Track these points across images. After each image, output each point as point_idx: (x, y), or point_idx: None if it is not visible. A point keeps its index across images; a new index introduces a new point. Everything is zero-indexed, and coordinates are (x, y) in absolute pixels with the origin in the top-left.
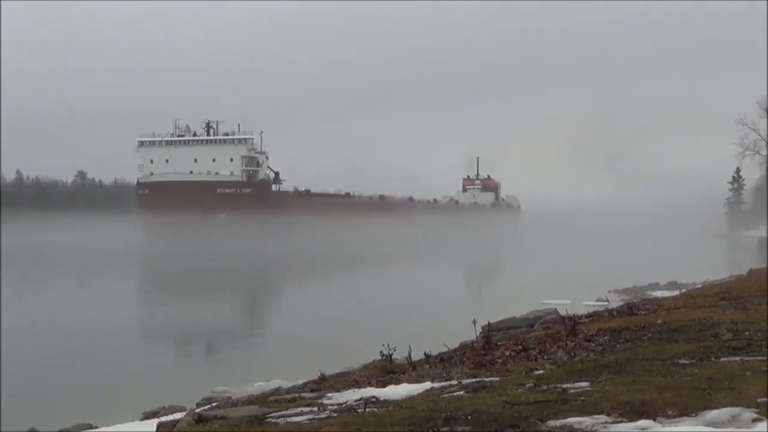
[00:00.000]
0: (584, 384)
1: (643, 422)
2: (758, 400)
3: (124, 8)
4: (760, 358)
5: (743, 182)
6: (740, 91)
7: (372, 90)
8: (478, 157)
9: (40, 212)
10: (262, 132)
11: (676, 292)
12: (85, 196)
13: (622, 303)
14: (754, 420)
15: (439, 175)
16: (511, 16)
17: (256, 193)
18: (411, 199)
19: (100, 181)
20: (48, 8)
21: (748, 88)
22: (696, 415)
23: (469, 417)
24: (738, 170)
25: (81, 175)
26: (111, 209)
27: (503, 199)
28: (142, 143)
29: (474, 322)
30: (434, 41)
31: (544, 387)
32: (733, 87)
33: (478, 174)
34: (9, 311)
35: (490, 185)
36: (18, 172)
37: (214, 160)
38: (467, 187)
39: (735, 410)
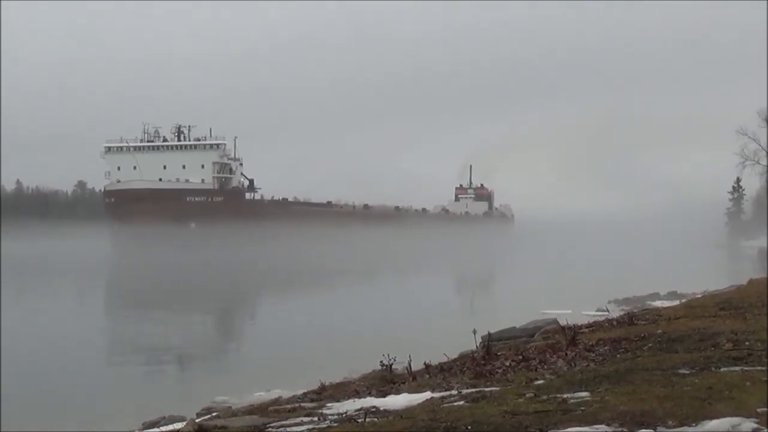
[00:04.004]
0: (584, 394)
1: None
2: (758, 410)
3: (123, 12)
4: (760, 367)
5: (743, 192)
6: (740, 100)
7: (366, 100)
8: (471, 165)
9: (40, 222)
10: (236, 137)
11: (676, 302)
12: (84, 206)
13: (622, 313)
14: (755, 430)
15: (432, 185)
16: (508, 25)
17: (228, 202)
18: (397, 208)
19: (100, 190)
20: (46, 12)
21: (748, 98)
22: (696, 425)
23: (469, 427)
24: (738, 180)
25: (81, 184)
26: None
27: (496, 209)
28: (108, 149)
29: (474, 332)
30: (431, 48)
31: (545, 397)
32: (733, 97)
33: (471, 182)
34: (6, 320)
35: (483, 194)
36: (18, 181)
37: (184, 166)
38: (460, 195)
39: (735, 420)
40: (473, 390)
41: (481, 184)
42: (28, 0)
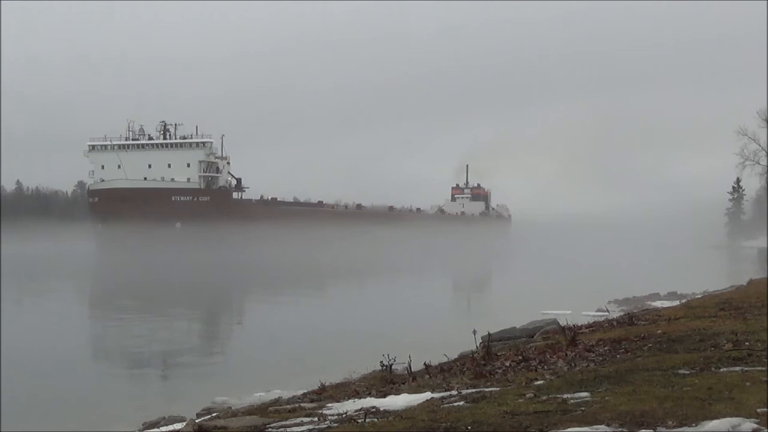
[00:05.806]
0: (584, 394)
1: None
2: (758, 410)
3: (123, 12)
4: (760, 368)
5: (743, 193)
6: (740, 101)
7: (365, 100)
8: (467, 165)
9: (40, 222)
10: (223, 135)
11: (676, 303)
12: (84, 206)
13: (622, 313)
14: (755, 430)
15: (429, 185)
16: (508, 25)
17: (215, 201)
18: (391, 208)
19: None
20: (46, 12)
21: (748, 99)
22: (696, 425)
23: (469, 427)
24: (738, 181)
25: (81, 185)
26: None
27: (493, 209)
28: (92, 147)
29: (474, 332)
30: (431, 48)
31: (544, 397)
32: (733, 97)
33: (467, 182)
34: (6, 320)
35: (479, 194)
36: (18, 182)
37: (169, 165)
38: (456, 195)
39: (735, 420)
40: (473, 390)
41: (478, 184)
42: (28, 0)
